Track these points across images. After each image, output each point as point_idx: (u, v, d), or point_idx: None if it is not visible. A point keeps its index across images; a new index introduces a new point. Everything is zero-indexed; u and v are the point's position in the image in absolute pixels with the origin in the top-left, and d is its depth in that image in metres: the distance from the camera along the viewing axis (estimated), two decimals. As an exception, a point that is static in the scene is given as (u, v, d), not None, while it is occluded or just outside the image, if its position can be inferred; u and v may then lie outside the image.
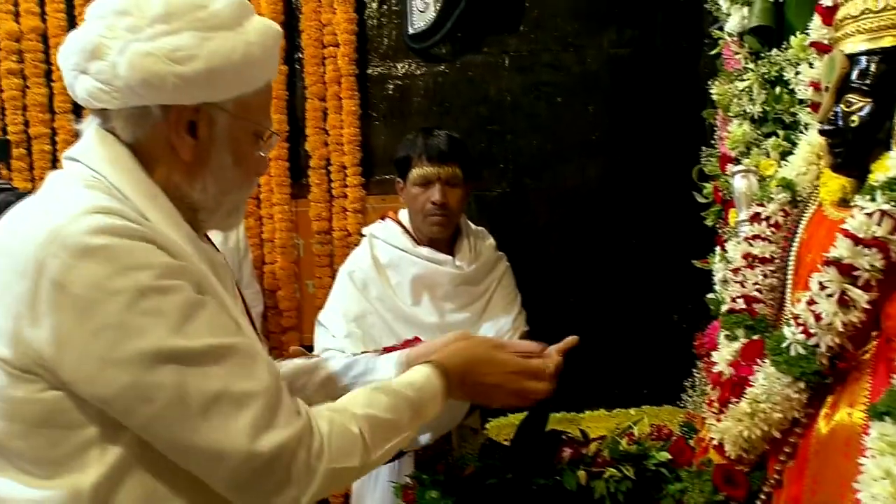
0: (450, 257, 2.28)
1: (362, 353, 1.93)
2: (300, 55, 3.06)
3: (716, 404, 1.28)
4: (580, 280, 3.03)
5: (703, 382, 2.12)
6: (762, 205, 1.41)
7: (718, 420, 1.24)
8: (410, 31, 2.99)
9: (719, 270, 2.03)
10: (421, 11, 2.95)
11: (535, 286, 2.61)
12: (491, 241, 2.43)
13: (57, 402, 0.97)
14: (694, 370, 2.21)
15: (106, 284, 0.94)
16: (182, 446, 0.98)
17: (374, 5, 3.06)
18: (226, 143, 1.12)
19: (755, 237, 1.39)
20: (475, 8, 2.90)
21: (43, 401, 0.97)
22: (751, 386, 1.20)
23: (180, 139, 1.09)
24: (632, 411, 2.39)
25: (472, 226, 2.42)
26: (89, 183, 1.05)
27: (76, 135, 3.37)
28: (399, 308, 2.23)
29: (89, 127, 1.12)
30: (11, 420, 0.98)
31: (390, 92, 3.07)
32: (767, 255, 1.36)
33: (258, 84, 1.13)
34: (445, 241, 2.31)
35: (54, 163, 3.06)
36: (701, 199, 2.16)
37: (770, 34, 1.84)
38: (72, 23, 3.03)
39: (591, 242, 3.03)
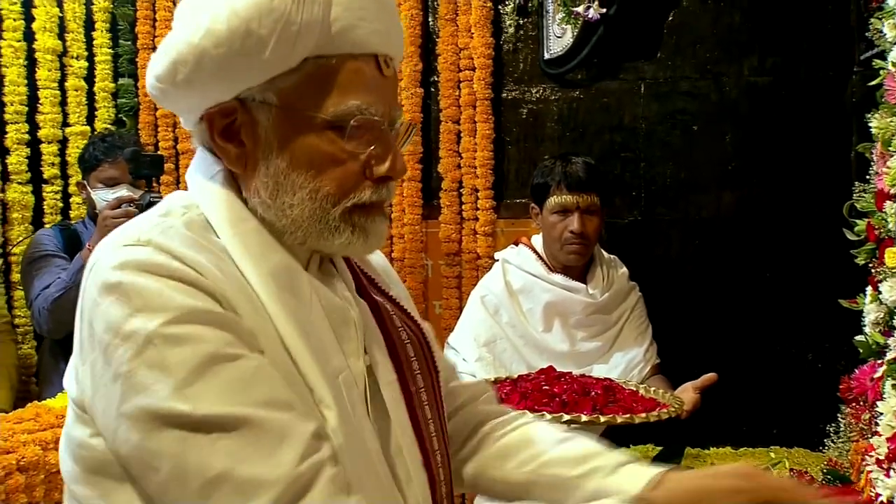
0: (583, 285, 2.26)
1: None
2: (436, 78, 3.11)
3: (882, 457, 1.21)
4: (711, 313, 2.94)
5: (849, 429, 2.02)
6: (934, 247, 1.33)
7: (887, 475, 1.18)
8: (546, 56, 3.00)
9: (871, 312, 1.93)
10: (558, 37, 2.95)
11: (664, 317, 2.55)
12: (624, 269, 2.40)
13: (103, 450, 0.86)
14: (838, 415, 2.11)
15: (119, 327, 0.81)
16: None
17: (511, 30, 3.08)
18: (274, 143, 0.92)
19: (925, 281, 1.31)
20: (613, 34, 2.88)
21: (92, 447, 0.86)
22: (925, 440, 1.13)
23: (220, 148, 0.94)
24: (771, 453, 2.29)
25: (606, 254, 2.40)
26: (172, 207, 0.94)
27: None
28: (530, 334, 2.22)
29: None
30: (74, 461, 0.90)
31: (524, 116, 3.08)
32: (939, 302, 1.29)
33: (289, 62, 0.89)
34: (579, 268, 2.29)
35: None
36: (851, 237, 2.06)
37: (941, 65, 1.74)
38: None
39: (725, 275, 2.94)
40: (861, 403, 1.83)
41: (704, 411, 2.06)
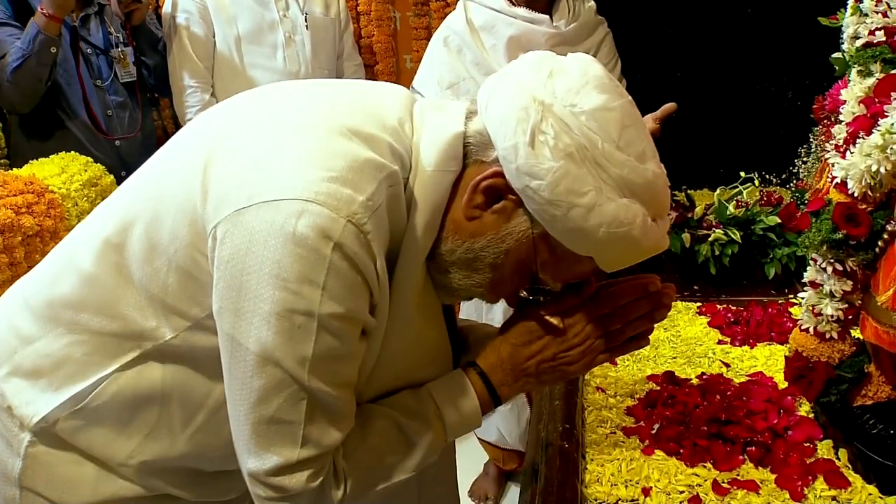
0: (546, 17, 2.16)
1: None
2: None
3: (840, 143, 1.17)
4: (686, 49, 2.83)
5: (819, 149, 1.99)
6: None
7: (843, 157, 1.14)
8: None
9: (850, 25, 1.83)
10: None
11: (638, 57, 2.46)
12: (592, 3, 2.29)
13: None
14: (810, 136, 2.08)
15: (298, 283, 0.88)
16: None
17: None
18: None
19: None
20: None
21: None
22: (885, 117, 1.08)
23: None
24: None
25: (572, -13, 2.26)
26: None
27: None
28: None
29: None
30: None
31: None
32: (914, -18, 1.20)
33: None
34: (543, 1, 2.17)
35: None
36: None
37: None
38: None
39: (700, 10, 2.79)
40: (833, 119, 1.78)
41: (681, 156, 2.01)
